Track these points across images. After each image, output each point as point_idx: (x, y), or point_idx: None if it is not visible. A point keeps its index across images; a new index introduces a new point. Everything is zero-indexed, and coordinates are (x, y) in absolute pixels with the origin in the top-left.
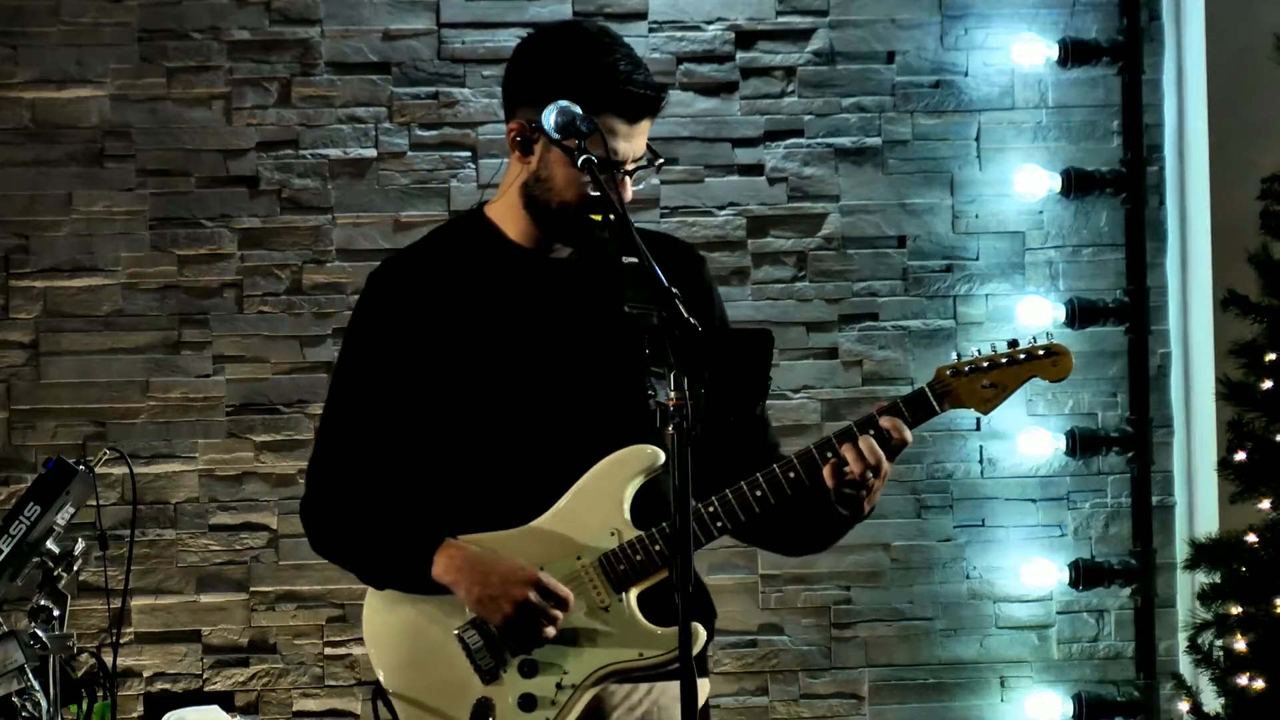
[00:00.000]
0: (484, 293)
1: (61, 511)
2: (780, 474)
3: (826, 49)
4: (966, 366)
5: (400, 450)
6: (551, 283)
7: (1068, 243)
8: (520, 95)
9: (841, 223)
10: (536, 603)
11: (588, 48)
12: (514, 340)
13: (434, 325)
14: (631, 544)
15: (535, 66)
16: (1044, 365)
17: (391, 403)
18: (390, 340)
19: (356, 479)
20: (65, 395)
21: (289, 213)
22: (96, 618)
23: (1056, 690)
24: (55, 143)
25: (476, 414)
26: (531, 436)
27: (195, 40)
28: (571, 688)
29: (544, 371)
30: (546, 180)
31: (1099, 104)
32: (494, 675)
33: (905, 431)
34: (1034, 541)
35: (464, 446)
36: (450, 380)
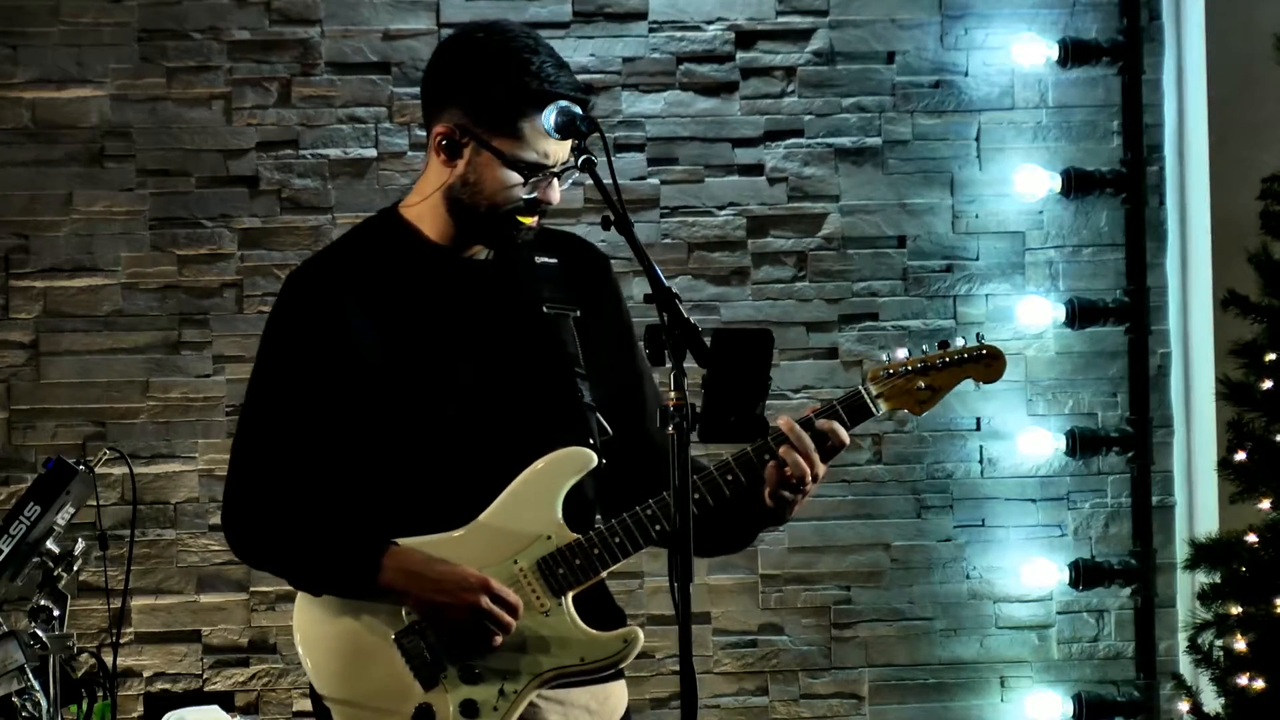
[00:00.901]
0: (405, 292)
1: (61, 511)
2: (718, 477)
3: (826, 49)
4: (901, 367)
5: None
6: (472, 283)
7: (1068, 243)
8: (447, 98)
9: (841, 223)
10: (489, 609)
11: (513, 49)
12: (436, 340)
13: (354, 325)
14: (570, 547)
15: (463, 69)
16: (978, 367)
17: (314, 405)
18: (310, 342)
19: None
20: (65, 395)
21: (289, 213)
22: (96, 618)
23: (1056, 690)
24: (55, 143)
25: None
26: (458, 439)
27: (195, 40)
28: (514, 693)
29: (469, 372)
30: (475, 184)
31: (1099, 104)
32: (434, 681)
33: (843, 434)
34: (1034, 541)
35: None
36: (372, 381)
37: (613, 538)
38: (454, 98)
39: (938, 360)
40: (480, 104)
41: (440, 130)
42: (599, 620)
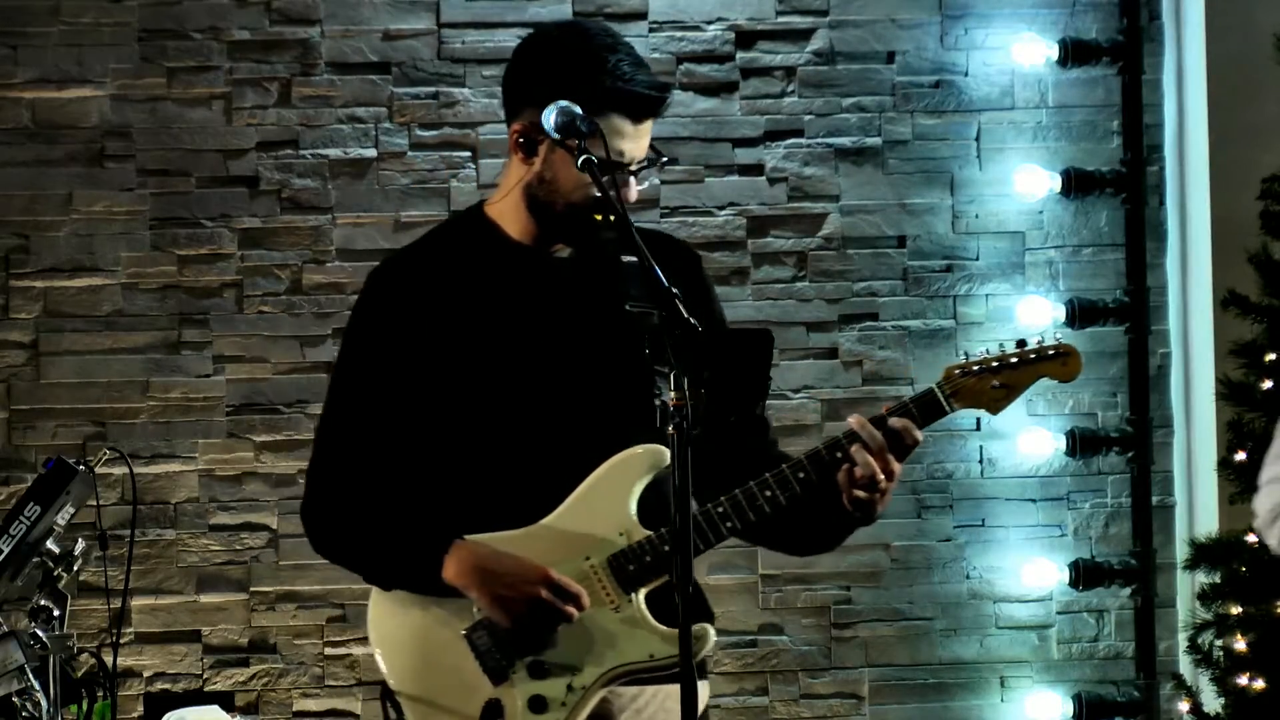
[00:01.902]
0: (486, 291)
1: (61, 511)
2: (790, 474)
3: (826, 49)
4: (976, 366)
5: (403, 450)
6: (554, 281)
7: (1068, 243)
8: (523, 96)
9: (841, 223)
10: (549, 601)
11: (591, 48)
12: (517, 339)
13: (435, 323)
14: (640, 544)
15: (538, 67)
16: (1054, 365)
17: (393, 401)
18: (391, 339)
19: (360, 480)
20: (65, 395)
21: (289, 213)
22: (96, 618)
23: (1056, 690)
24: (55, 143)
25: (479, 413)
26: (535, 436)
27: (195, 40)
28: (582, 689)
29: (547, 371)
30: (551, 182)
31: (1099, 104)
32: (503, 676)
33: (916, 432)
34: (1034, 541)
35: (467, 446)
36: (452, 379)
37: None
38: (529, 96)
39: (1012, 358)
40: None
41: (517, 128)
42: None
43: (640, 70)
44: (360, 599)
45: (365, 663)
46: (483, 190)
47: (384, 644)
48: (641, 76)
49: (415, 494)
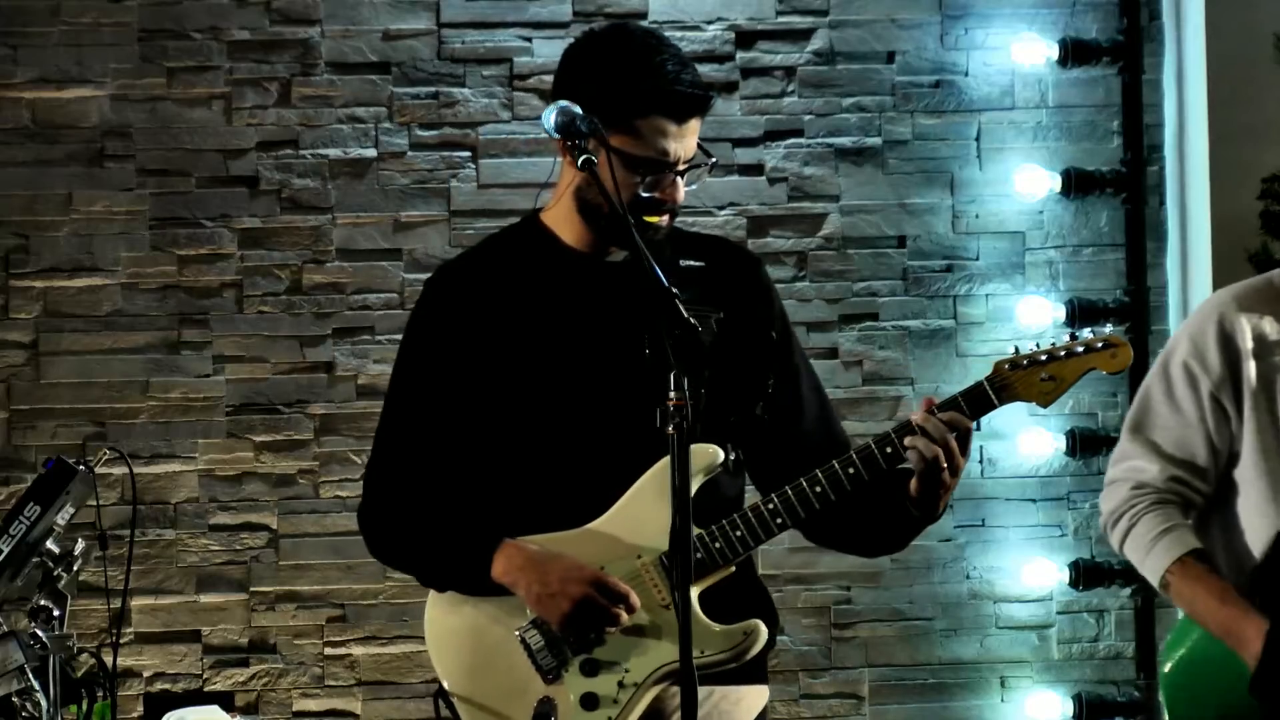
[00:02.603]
0: (540, 297)
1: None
2: (840, 470)
3: (826, 49)
4: (1025, 360)
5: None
6: (608, 286)
7: (1068, 243)
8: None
9: (841, 223)
10: (597, 600)
11: (635, 49)
12: (571, 343)
13: (491, 330)
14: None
15: (583, 71)
16: (1103, 357)
17: (449, 407)
18: (447, 345)
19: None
20: (65, 395)
21: (289, 213)
22: (96, 618)
23: (1057, 690)
24: (55, 143)
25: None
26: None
27: (195, 40)
28: (634, 686)
29: (601, 374)
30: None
31: (1099, 104)
32: (556, 675)
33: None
34: (1034, 541)
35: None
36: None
37: (734, 531)
38: (575, 98)
39: (1060, 351)
40: (598, 103)
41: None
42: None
43: (685, 70)
44: (359, 599)
45: (364, 662)
46: (482, 190)
47: (438, 644)
48: (686, 76)
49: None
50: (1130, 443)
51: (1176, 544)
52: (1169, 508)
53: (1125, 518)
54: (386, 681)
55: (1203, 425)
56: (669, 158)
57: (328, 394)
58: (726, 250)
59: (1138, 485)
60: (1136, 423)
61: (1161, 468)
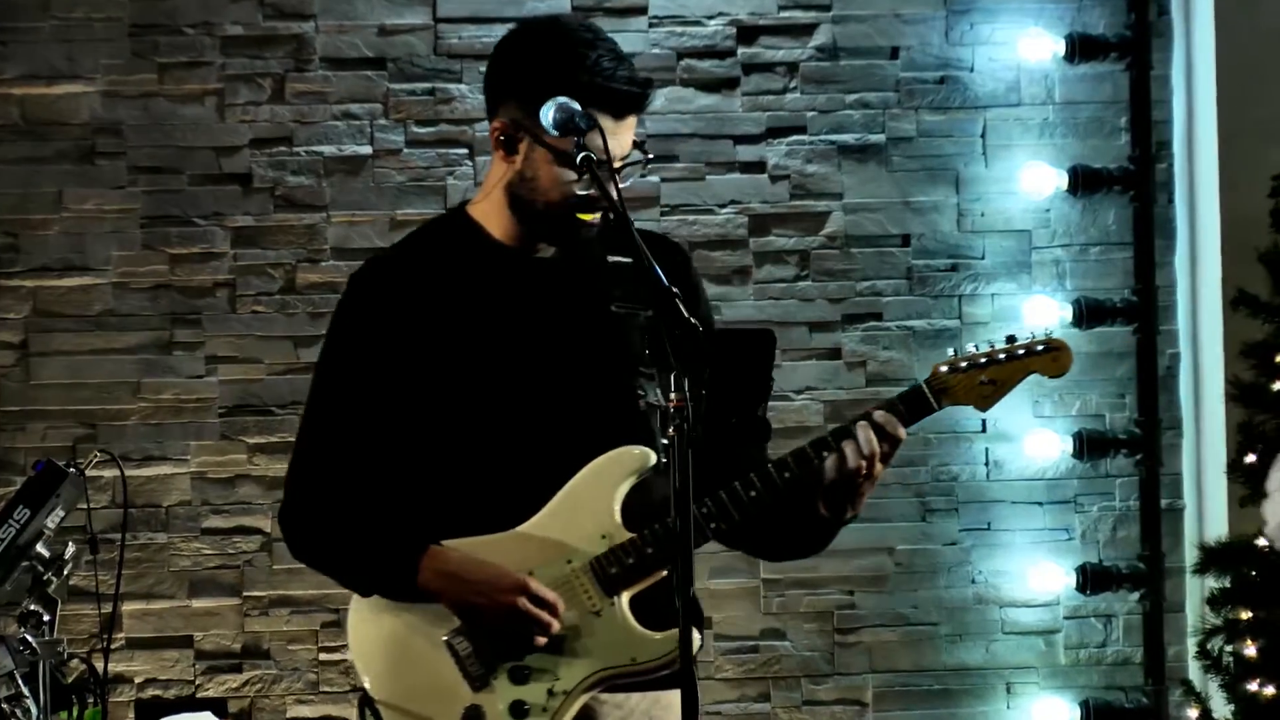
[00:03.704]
0: (469, 292)
1: (51, 515)
2: (775, 473)
3: (829, 44)
4: (963, 363)
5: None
6: (537, 282)
7: (1075, 241)
8: (504, 93)
9: (845, 221)
10: (526, 609)
11: (571, 44)
12: (500, 340)
13: (418, 326)
14: (623, 547)
15: (518, 63)
16: (1043, 361)
17: (375, 405)
18: (373, 341)
19: (339, 484)
20: (55, 396)
21: (283, 211)
22: (87, 623)
23: (1063, 696)
24: (45, 140)
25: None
26: (518, 438)
27: (187, 35)
28: (563, 694)
29: (530, 372)
30: (532, 180)
31: (1107, 100)
32: (484, 682)
33: (899, 429)
34: (1041, 545)
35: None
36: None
37: (667, 537)
38: (509, 92)
39: (1000, 354)
40: (533, 98)
41: (497, 125)
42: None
43: (621, 66)
44: None
45: None
46: (479, 188)
47: (363, 651)
48: (622, 73)
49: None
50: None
51: None
52: None
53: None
54: None
55: None
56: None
57: None
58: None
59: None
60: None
61: None
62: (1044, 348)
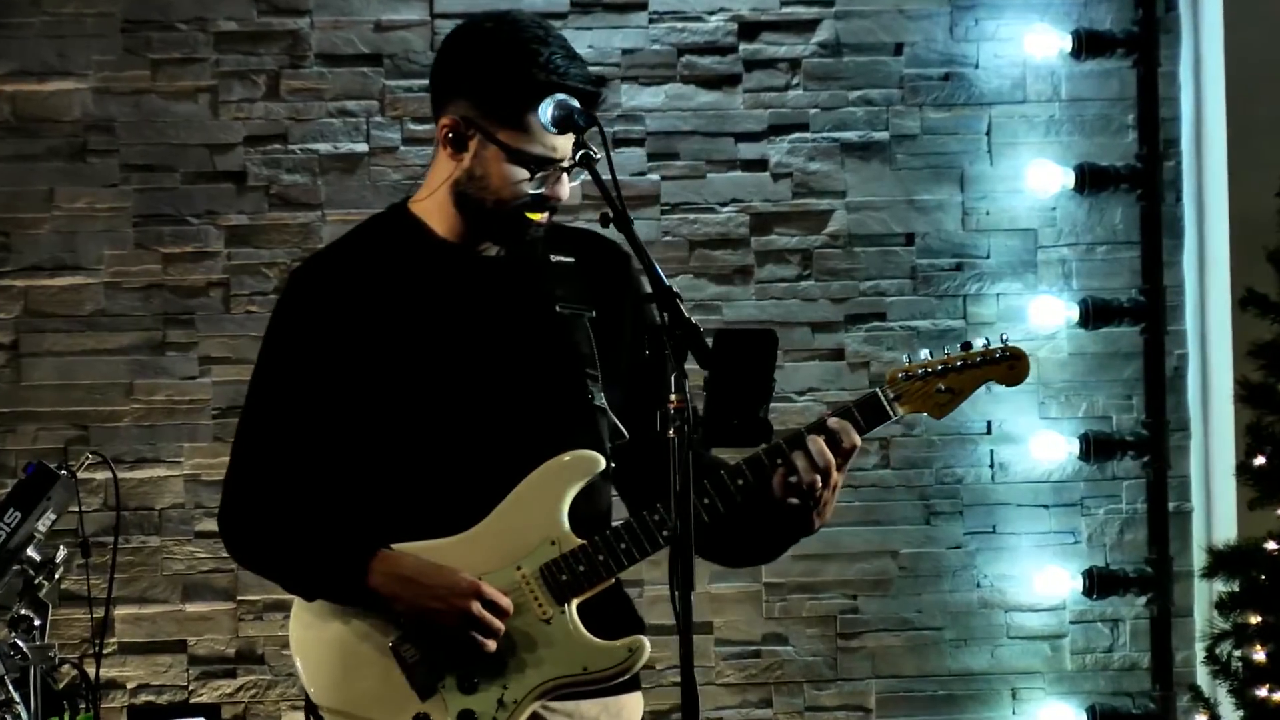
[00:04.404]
0: (411, 290)
1: (42, 518)
2: (729, 481)
3: (832, 40)
4: (919, 369)
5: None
6: (481, 280)
7: (1081, 240)
8: (453, 89)
9: (848, 220)
10: (479, 615)
11: (524, 40)
12: (443, 339)
13: (360, 323)
14: (574, 553)
15: (470, 60)
16: (1000, 370)
17: (316, 404)
18: (313, 339)
19: (281, 486)
20: (46, 398)
21: (277, 209)
22: (79, 627)
23: (1070, 702)
24: (36, 137)
25: (405, 416)
26: (462, 440)
27: (180, 31)
28: (513, 703)
29: (475, 372)
30: (482, 178)
31: (1114, 97)
32: (431, 691)
33: (854, 435)
34: (1046, 549)
35: (393, 450)
36: (376, 381)
37: (618, 543)
38: (459, 89)
39: (957, 362)
40: (485, 96)
41: (446, 122)
42: (612, 628)
43: (573, 64)
44: None
45: None
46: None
47: (306, 657)
48: (575, 70)
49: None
50: None
51: None
52: None
53: None
54: None
55: None
56: (556, 154)
57: None
58: (597, 245)
59: None
60: None
61: None
62: (1001, 355)
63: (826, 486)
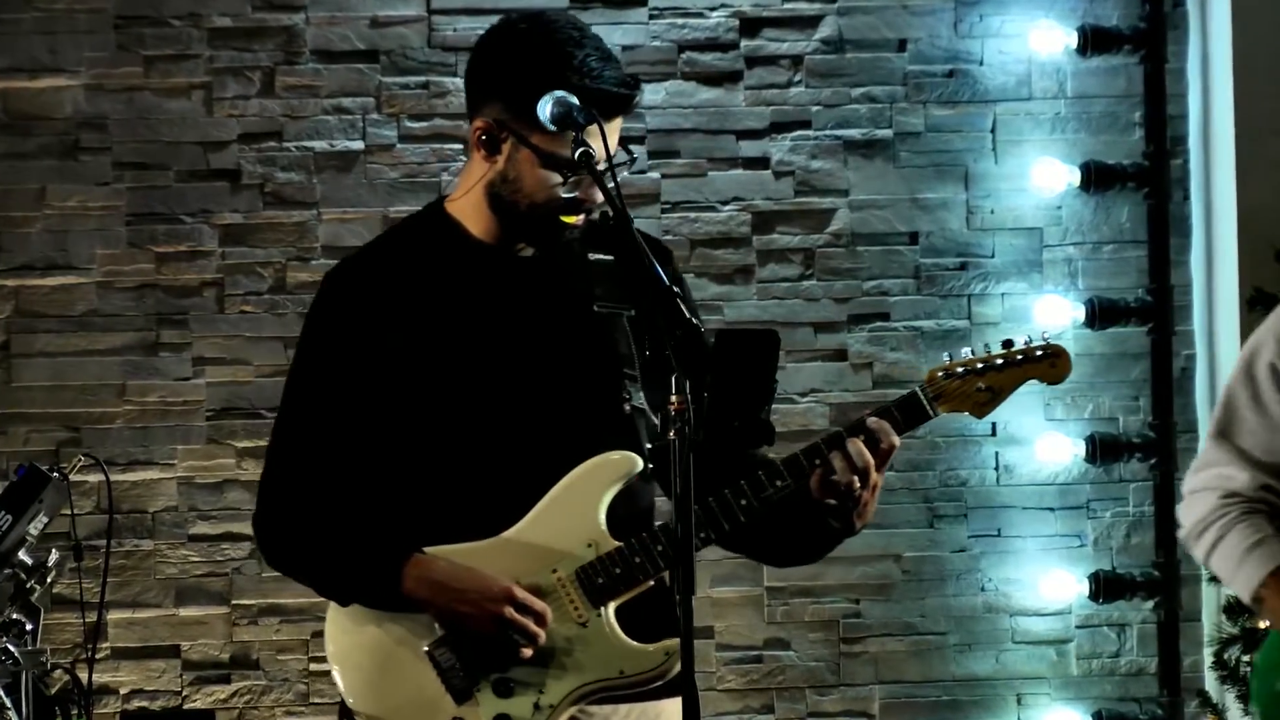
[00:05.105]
0: (447, 291)
1: (34, 521)
2: (766, 481)
3: (835, 36)
4: (960, 368)
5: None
6: (518, 281)
7: (1087, 239)
8: (487, 92)
9: (851, 218)
10: (514, 619)
11: (559, 43)
12: (480, 341)
13: (395, 325)
14: (610, 556)
15: (503, 62)
16: (1042, 367)
17: (351, 407)
18: (349, 342)
19: (317, 490)
20: (38, 399)
21: (272, 208)
22: (71, 632)
23: (1076, 708)
24: (28, 135)
25: (441, 419)
26: (499, 442)
27: (174, 27)
28: (549, 708)
29: (512, 374)
30: (515, 181)
31: (1120, 94)
32: (467, 695)
33: (893, 436)
34: (1052, 552)
35: (429, 453)
36: (413, 383)
37: (655, 546)
38: (492, 91)
39: (998, 360)
40: (516, 99)
41: (479, 125)
42: (652, 631)
43: (608, 66)
44: None
45: None
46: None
47: (342, 662)
48: (610, 73)
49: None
50: (1216, 450)
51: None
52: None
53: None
54: None
55: None
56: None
57: None
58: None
59: (1227, 494)
60: (1221, 429)
61: (1252, 475)
62: (1043, 353)
63: (865, 487)
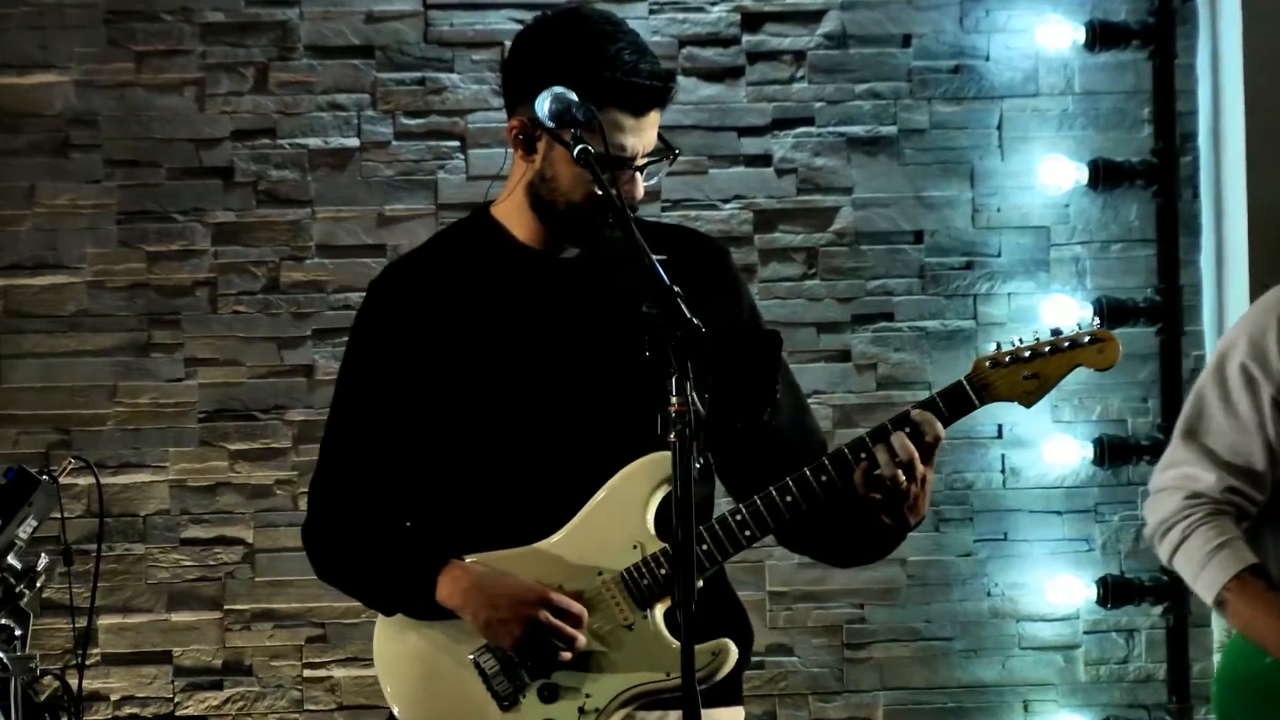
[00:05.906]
0: (492, 297)
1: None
2: (811, 477)
3: (838, 31)
4: (1006, 357)
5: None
6: (562, 284)
7: (1095, 238)
8: (520, 91)
9: (854, 217)
10: (549, 623)
11: (591, 37)
12: (525, 345)
13: (440, 332)
14: (655, 557)
15: (536, 60)
16: (1089, 353)
17: (397, 417)
18: (394, 350)
19: (360, 499)
20: (27, 400)
21: (266, 206)
22: (61, 638)
23: (1083, 715)
24: (17, 132)
25: (487, 424)
26: (546, 446)
27: (166, 22)
28: (595, 712)
29: (557, 377)
30: (552, 180)
31: (1129, 90)
32: (512, 701)
33: (938, 427)
34: (1059, 556)
35: (476, 459)
36: (458, 390)
37: (700, 546)
38: (525, 89)
39: (1045, 347)
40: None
41: (514, 124)
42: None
43: (643, 59)
44: (341, 618)
45: (345, 685)
46: (472, 182)
47: (388, 670)
48: (644, 66)
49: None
50: (1183, 449)
51: (1234, 559)
52: (1224, 519)
53: (1178, 529)
54: (369, 705)
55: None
56: (626, 153)
57: (307, 399)
58: (690, 241)
59: (1192, 495)
60: (1189, 428)
61: (1218, 476)
62: (1091, 339)
63: (912, 480)
